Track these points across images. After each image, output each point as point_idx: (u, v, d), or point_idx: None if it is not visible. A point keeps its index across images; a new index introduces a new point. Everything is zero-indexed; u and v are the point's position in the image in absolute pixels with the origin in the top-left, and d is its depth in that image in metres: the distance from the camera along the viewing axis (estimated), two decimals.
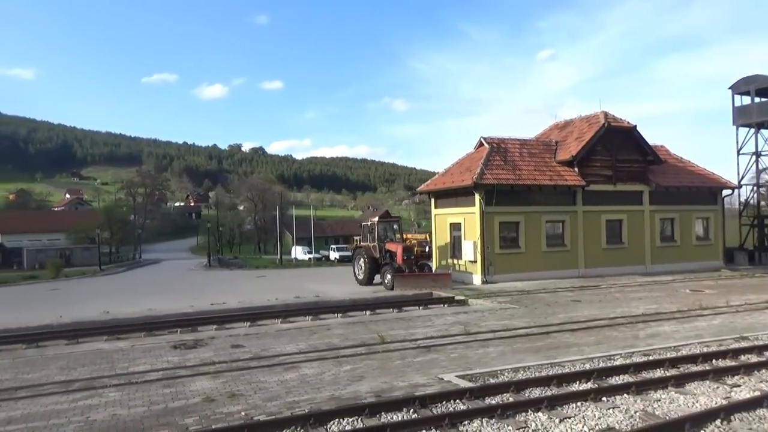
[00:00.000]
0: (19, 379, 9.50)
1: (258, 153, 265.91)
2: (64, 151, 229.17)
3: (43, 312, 18.20)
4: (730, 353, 10.04)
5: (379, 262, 22.23)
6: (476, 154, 23.84)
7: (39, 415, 7.50)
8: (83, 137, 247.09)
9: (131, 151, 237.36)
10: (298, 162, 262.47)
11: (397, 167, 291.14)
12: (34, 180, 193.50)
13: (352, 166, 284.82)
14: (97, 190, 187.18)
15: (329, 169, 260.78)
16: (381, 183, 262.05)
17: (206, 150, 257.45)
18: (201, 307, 17.23)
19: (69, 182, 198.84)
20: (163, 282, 31.37)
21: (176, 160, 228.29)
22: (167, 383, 8.91)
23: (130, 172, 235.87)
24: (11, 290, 29.69)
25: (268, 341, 12.09)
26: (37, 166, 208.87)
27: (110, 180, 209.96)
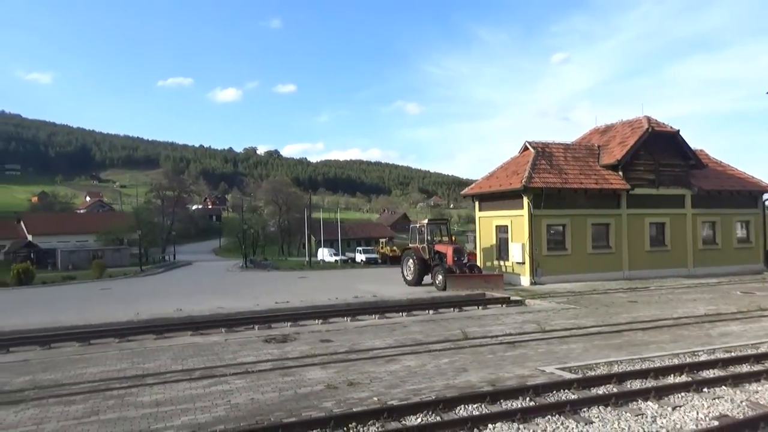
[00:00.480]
0: (139, 368, 10.16)
1: (273, 156, 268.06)
2: (83, 154, 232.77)
3: (112, 309, 18.97)
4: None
5: (428, 263, 22.78)
6: (521, 158, 24.32)
7: (182, 399, 8.13)
8: (102, 140, 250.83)
9: (148, 154, 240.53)
10: (312, 165, 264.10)
11: (410, 170, 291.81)
12: (55, 183, 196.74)
13: (366, 169, 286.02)
14: (116, 193, 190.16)
15: (343, 172, 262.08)
16: (395, 186, 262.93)
17: (222, 153, 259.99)
18: (267, 305, 17.85)
19: (88, 185, 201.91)
20: (211, 282, 32.17)
21: (193, 163, 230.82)
22: (283, 372, 9.52)
23: (148, 174, 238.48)
24: (61, 289, 30.63)
25: (353, 337, 12.67)
26: (57, 169, 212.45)
27: (128, 183, 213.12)
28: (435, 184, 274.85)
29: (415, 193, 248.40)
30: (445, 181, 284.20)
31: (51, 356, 11.71)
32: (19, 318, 17.57)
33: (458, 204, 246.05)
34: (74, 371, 10.12)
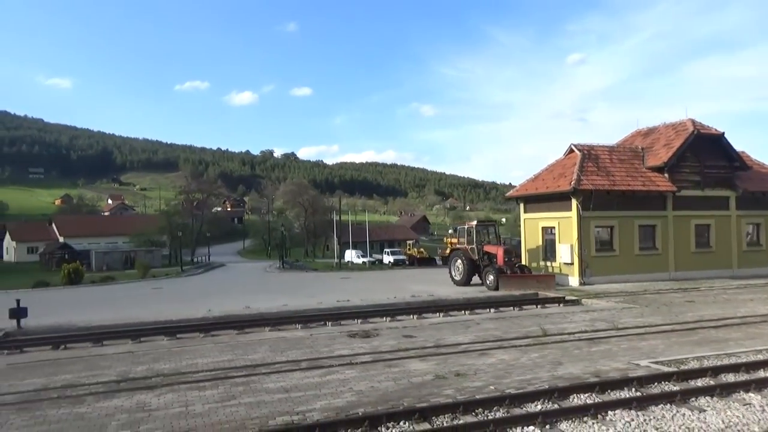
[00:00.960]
0: (245, 359, 10.75)
1: (290, 158, 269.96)
2: (104, 157, 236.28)
3: (179, 307, 19.72)
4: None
5: (477, 264, 23.23)
6: (567, 160, 24.68)
7: (305, 386, 8.69)
8: (122, 144, 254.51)
9: (168, 157, 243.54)
10: (329, 167, 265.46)
11: (426, 172, 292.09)
12: (77, 186, 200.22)
13: (382, 171, 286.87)
14: (137, 196, 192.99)
15: (359, 174, 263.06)
16: (411, 188, 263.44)
17: (239, 156, 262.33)
18: (329, 303, 18.44)
19: (110, 188, 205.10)
20: (258, 282, 32.97)
21: (211, 165, 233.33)
22: (386, 364, 10.05)
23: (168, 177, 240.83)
24: (112, 288, 31.61)
25: (433, 333, 13.18)
26: (79, 173, 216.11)
27: (149, 185, 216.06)
28: (451, 186, 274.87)
29: (432, 195, 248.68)
30: (461, 183, 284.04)
31: (150, 349, 12.37)
32: (92, 315, 18.34)
33: (474, 206, 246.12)
34: (185, 362, 10.75)
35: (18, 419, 7.55)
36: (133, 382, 9.33)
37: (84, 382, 9.47)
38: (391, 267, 49.51)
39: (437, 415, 7.38)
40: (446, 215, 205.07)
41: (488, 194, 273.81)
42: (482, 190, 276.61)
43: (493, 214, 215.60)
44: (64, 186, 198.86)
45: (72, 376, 9.91)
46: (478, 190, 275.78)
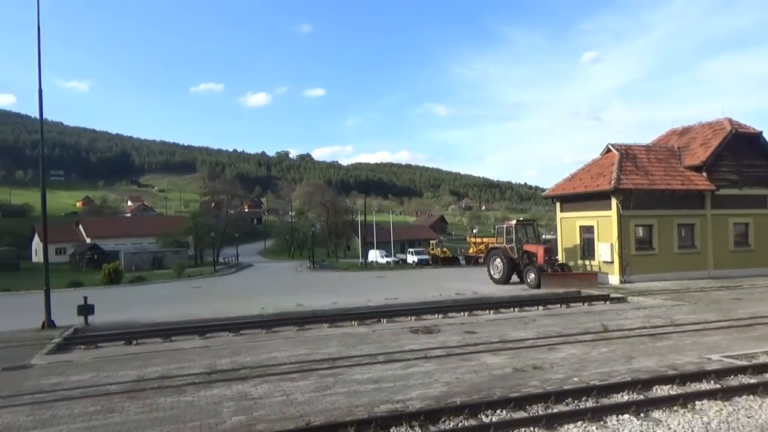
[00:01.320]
0: (321, 353, 11.17)
1: (305, 160, 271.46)
2: (123, 159, 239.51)
3: (230, 305, 20.29)
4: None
5: (516, 263, 23.52)
6: (604, 160, 24.85)
7: (392, 378, 9.05)
8: (140, 146, 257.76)
9: (185, 159, 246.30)
10: (344, 168, 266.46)
11: (441, 172, 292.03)
12: (97, 188, 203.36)
13: (397, 171, 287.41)
14: (155, 197, 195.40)
15: (374, 174, 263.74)
16: (426, 188, 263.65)
17: (255, 157, 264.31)
18: (378, 301, 18.86)
19: (129, 189, 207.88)
20: (296, 281, 33.62)
21: (228, 167, 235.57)
22: (461, 358, 10.41)
23: (185, 179, 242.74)
24: (152, 288, 32.40)
25: (493, 329, 13.51)
26: (98, 175, 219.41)
27: (167, 187, 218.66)
28: (466, 185, 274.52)
29: (447, 195, 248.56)
30: (476, 182, 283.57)
31: (223, 343, 12.86)
32: (148, 312, 18.97)
33: (490, 206, 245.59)
34: (263, 355, 11.21)
35: (132, 406, 8.04)
36: (224, 374, 9.79)
37: (176, 374, 9.96)
38: (415, 267, 49.87)
39: (530, 404, 7.74)
40: (462, 215, 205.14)
41: (503, 194, 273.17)
42: (497, 190, 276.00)
43: (509, 213, 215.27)
44: (84, 188, 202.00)
45: (161, 369, 10.41)
46: (494, 190, 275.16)
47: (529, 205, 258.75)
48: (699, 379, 8.79)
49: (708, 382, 8.71)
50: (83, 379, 9.84)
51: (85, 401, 8.41)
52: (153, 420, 7.39)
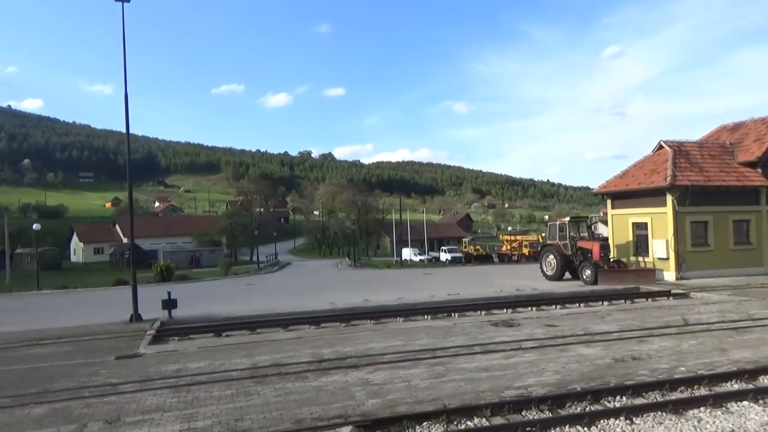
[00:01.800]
0: (415, 344, 11.63)
1: (327, 159, 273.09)
2: (149, 161, 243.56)
3: (295, 300, 20.95)
4: None
5: (569, 259, 23.76)
6: (656, 157, 24.89)
7: (499, 367, 9.46)
8: (165, 148, 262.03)
9: (210, 159, 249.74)
10: (366, 167, 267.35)
11: (462, 170, 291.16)
12: (124, 189, 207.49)
13: (418, 169, 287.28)
14: (182, 197, 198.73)
15: (396, 173, 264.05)
16: (448, 186, 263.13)
17: (278, 157, 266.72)
18: (441, 297, 19.31)
19: (155, 190, 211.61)
20: (344, 278, 34.34)
21: (252, 167, 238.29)
22: (557, 349, 10.77)
23: (210, 179, 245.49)
24: (205, 285, 33.36)
25: (570, 322, 13.83)
26: (126, 176, 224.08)
27: (192, 187, 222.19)
28: (488, 183, 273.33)
29: (469, 193, 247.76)
30: (498, 180, 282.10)
31: (315, 335, 13.43)
32: (216, 307, 19.71)
33: (513, 203, 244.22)
34: (361, 345, 11.73)
35: (265, 390, 8.59)
36: (332, 362, 10.32)
37: (286, 362, 10.52)
38: (448, 264, 50.16)
39: (646, 392, 8.10)
40: (485, 213, 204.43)
41: (526, 191, 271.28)
42: (520, 187, 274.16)
43: (533, 211, 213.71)
44: (112, 189, 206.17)
45: (269, 357, 10.99)
46: (516, 187, 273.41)
47: (552, 202, 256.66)
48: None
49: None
50: (201, 366, 10.47)
51: (219, 385, 9.01)
52: (293, 402, 7.94)
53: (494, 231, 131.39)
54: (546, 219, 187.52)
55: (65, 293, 32.51)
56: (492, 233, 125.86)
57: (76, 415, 7.81)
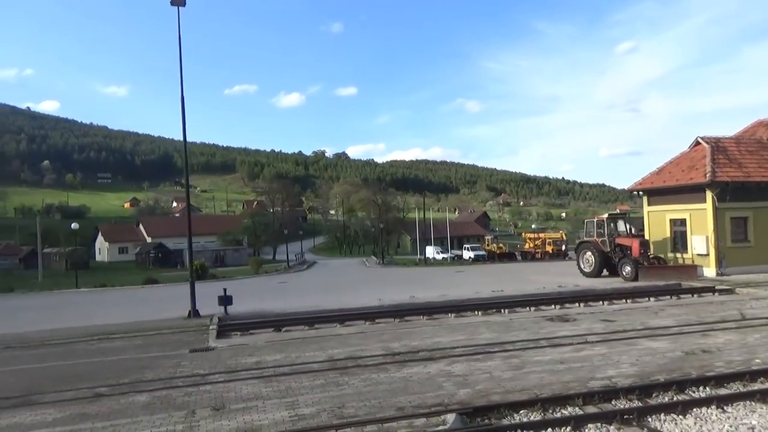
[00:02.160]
0: (479, 339, 11.92)
1: (341, 158, 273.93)
2: (165, 161, 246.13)
3: (335, 298, 21.33)
4: None
5: (608, 256, 23.89)
6: (693, 153, 24.90)
7: (572, 359, 9.71)
8: (181, 148, 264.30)
9: (225, 159, 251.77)
10: (380, 166, 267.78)
11: (477, 168, 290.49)
12: (142, 189, 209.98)
13: (432, 168, 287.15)
14: (198, 197, 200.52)
15: (410, 171, 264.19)
16: (462, 184, 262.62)
17: (292, 157, 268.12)
18: (486, 294, 19.55)
19: (172, 190, 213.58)
20: (376, 276, 34.91)
21: (267, 167, 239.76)
22: (623, 342, 10.97)
23: (226, 179, 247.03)
24: (239, 283, 33.93)
25: (625, 317, 14.02)
26: (143, 176, 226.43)
27: (208, 187, 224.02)
28: (502, 181, 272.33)
29: (484, 192, 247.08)
30: (512, 178, 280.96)
31: (375, 330, 13.76)
32: (263, 304, 20.16)
33: (528, 201, 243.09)
34: (428, 340, 12.03)
35: (352, 381, 8.91)
36: (406, 355, 10.62)
37: (360, 355, 10.85)
38: (471, 262, 50.33)
39: (728, 382, 8.30)
40: (501, 211, 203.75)
41: (541, 189, 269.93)
42: (534, 185, 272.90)
43: (549, 209, 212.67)
44: (130, 189, 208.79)
45: (341, 351, 11.33)
46: (531, 185, 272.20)
47: (568, 200, 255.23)
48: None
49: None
50: (278, 359, 10.85)
51: (305, 376, 9.36)
52: (385, 391, 8.25)
53: (511, 229, 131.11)
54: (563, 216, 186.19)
55: (104, 291, 33.27)
56: (509, 231, 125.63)
57: (179, 402, 8.21)
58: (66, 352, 12.64)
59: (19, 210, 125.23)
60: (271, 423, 7.10)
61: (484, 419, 7.17)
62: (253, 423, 7.13)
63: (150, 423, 7.34)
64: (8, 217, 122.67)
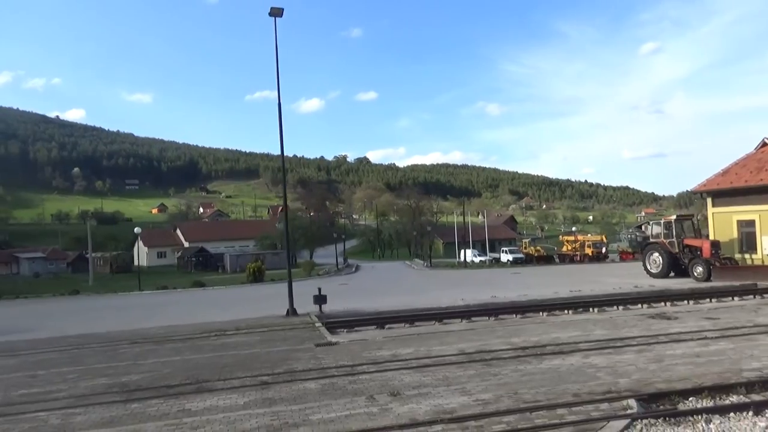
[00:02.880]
0: (592, 335, 12.30)
1: (362, 163, 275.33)
2: (190, 167, 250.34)
3: (407, 298, 21.92)
4: None
5: (676, 257, 24.10)
6: (761, 154, 25.02)
7: (705, 353, 10.07)
8: (206, 154, 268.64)
9: (248, 165, 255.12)
10: (401, 170, 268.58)
11: (498, 172, 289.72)
12: (168, 195, 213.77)
13: (453, 172, 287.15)
14: (224, 203, 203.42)
15: (431, 175, 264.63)
16: (484, 188, 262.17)
17: (315, 162, 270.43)
18: (564, 294, 19.94)
19: (198, 196, 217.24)
20: (429, 278, 35.59)
21: (289, 172, 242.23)
22: (741, 339, 11.29)
23: (250, 184, 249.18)
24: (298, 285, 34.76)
25: (726, 315, 14.28)
26: (169, 182, 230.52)
27: (233, 193, 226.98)
28: (524, 184, 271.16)
29: (506, 195, 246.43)
30: (534, 181, 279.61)
31: (484, 327, 14.26)
32: (347, 304, 20.81)
33: (551, 204, 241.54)
34: (544, 336, 12.44)
35: (503, 371, 9.37)
36: (534, 350, 11.04)
37: (488, 349, 11.33)
38: (509, 265, 50.49)
39: None
40: (525, 214, 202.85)
41: (563, 192, 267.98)
42: (557, 188, 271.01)
43: (573, 212, 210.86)
44: (157, 195, 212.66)
45: (465, 345, 11.81)
46: (553, 188, 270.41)
47: (591, 203, 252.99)
48: None
49: None
50: (410, 352, 11.36)
51: (451, 367, 9.79)
52: (545, 380, 8.68)
53: (538, 232, 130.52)
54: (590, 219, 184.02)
55: (169, 293, 34.27)
56: (536, 235, 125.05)
57: (351, 389, 8.75)
58: (194, 347, 13.34)
59: (55, 216, 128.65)
60: (460, 406, 7.59)
61: (659, 405, 7.62)
62: (442, 406, 7.62)
63: (341, 406, 7.85)
64: (46, 223, 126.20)
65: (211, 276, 55.85)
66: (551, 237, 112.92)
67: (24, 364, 12.42)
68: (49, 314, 25.95)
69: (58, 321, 22.19)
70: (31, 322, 22.35)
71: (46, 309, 29.10)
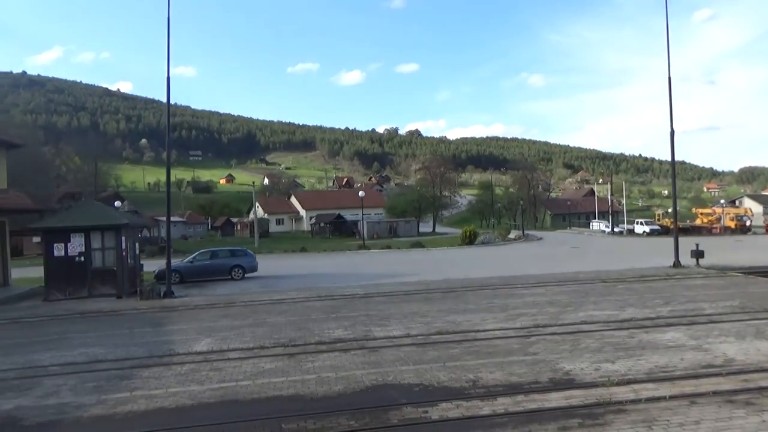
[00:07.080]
0: None
1: (414, 135, 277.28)
2: (249, 140, 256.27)
3: None
4: None
5: None
6: None
7: None
8: (263, 127, 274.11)
9: (305, 138, 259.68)
10: (453, 143, 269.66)
11: (549, 145, 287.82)
12: (230, 166, 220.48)
13: (503, 145, 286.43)
14: (284, 174, 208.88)
15: (484, 149, 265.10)
16: (537, 161, 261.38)
17: (367, 134, 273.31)
18: None
19: (258, 167, 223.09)
20: (633, 245, 38.30)
21: (345, 144, 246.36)
22: None
23: (307, 156, 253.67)
24: (517, 247, 38.47)
25: None
26: (230, 154, 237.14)
27: (291, 164, 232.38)
28: (578, 158, 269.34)
29: (560, 169, 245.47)
30: (587, 155, 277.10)
31: None
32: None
33: (607, 179, 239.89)
34: None
35: None
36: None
37: None
38: (645, 236, 52.98)
39: None
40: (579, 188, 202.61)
41: (618, 166, 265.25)
42: (611, 162, 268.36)
43: (633, 187, 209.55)
44: (219, 167, 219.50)
45: None
46: (607, 162, 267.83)
47: (649, 177, 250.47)
48: None
49: None
50: None
51: None
52: None
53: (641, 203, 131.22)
54: (665, 194, 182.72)
55: (410, 252, 37.99)
56: (642, 208, 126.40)
57: None
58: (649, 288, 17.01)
59: (152, 185, 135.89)
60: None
61: None
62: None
63: None
64: (142, 191, 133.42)
65: (351, 241, 59.97)
66: (632, 211, 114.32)
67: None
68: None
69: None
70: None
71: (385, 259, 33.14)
